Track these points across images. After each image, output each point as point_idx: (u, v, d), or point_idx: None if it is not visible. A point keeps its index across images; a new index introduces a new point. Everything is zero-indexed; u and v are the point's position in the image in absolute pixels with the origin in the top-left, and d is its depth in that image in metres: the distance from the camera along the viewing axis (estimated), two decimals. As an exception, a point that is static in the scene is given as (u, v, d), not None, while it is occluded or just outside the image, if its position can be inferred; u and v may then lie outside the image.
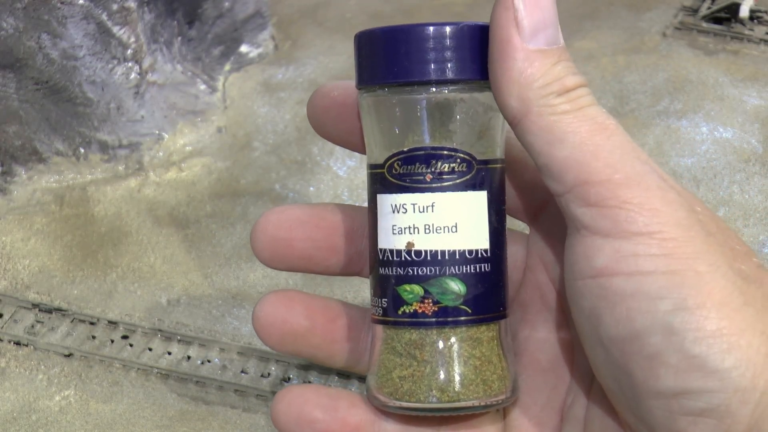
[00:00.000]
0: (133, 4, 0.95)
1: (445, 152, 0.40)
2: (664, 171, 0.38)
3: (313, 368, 0.79)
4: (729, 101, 1.02)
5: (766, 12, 1.12)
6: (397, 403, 0.41)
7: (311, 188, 0.97)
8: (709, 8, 1.14)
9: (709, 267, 0.36)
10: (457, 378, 0.41)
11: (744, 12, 1.10)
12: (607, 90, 1.05)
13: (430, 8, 1.21)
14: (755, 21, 1.12)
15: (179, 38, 1.04)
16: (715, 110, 1.01)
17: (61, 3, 0.91)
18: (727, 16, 1.13)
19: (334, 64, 1.12)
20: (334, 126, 0.44)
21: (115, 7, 0.93)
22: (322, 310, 0.44)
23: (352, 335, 0.44)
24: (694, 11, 1.16)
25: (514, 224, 0.43)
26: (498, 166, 0.41)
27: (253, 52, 1.12)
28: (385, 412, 0.43)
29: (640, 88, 1.04)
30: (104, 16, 0.93)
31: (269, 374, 0.79)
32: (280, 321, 0.44)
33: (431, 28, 0.39)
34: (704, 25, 1.13)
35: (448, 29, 0.39)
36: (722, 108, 1.01)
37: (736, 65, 1.07)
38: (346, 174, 0.98)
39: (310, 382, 0.78)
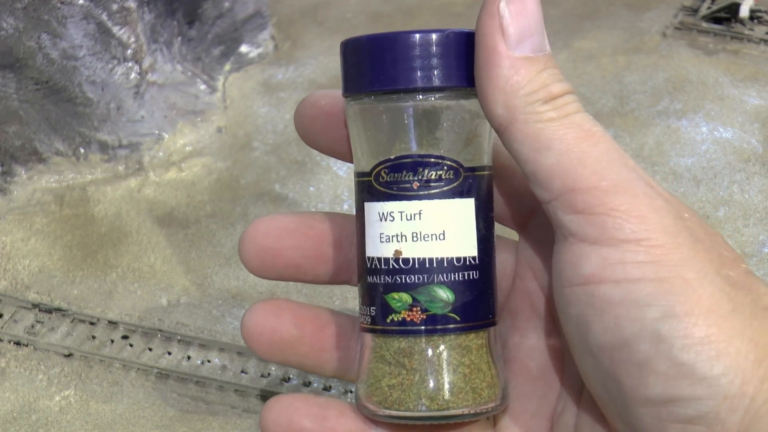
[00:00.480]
0: (133, 4, 0.95)
1: (432, 160, 0.40)
2: (664, 171, 0.38)
3: (313, 369, 0.79)
4: (729, 101, 1.02)
5: (766, 12, 1.12)
6: (387, 412, 0.41)
7: (311, 188, 0.97)
8: (709, 8, 1.14)
9: (696, 274, 0.36)
10: (446, 386, 0.40)
11: (744, 12, 1.10)
12: (607, 90, 1.04)
13: (430, 8, 1.21)
14: (755, 21, 1.12)
15: (179, 38, 1.04)
16: (715, 110, 1.00)
17: (61, 3, 0.91)
18: (727, 16, 1.12)
19: (334, 64, 1.12)
20: (321, 135, 0.44)
21: (115, 7, 0.93)
22: (311, 319, 0.44)
23: (341, 344, 0.44)
24: (694, 11, 1.15)
25: (503, 231, 0.43)
26: (485, 173, 0.41)
27: (253, 52, 1.12)
28: (374, 421, 0.43)
29: (640, 88, 1.04)
30: (104, 16, 0.93)
31: (269, 374, 0.79)
32: (269, 330, 0.44)
33: (417, 36, 0.39)
34: (704, 25, 1.13)
35: (433, 36, 0.39)
36: (722, 108, 1.01)
37: (736, 65, 1.07)
38: (346, 174, 0.98)
39: (309, 383, 0.78)
